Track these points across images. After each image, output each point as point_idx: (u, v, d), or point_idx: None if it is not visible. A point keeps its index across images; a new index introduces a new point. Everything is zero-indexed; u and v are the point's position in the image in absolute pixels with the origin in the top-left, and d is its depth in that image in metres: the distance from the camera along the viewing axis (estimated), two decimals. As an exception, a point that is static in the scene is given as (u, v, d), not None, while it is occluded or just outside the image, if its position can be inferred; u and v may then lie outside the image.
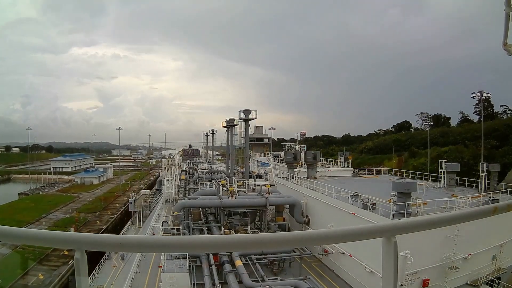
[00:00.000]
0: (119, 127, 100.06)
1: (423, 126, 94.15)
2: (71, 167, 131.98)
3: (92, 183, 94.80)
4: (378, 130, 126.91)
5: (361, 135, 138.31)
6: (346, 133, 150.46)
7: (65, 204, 65.23)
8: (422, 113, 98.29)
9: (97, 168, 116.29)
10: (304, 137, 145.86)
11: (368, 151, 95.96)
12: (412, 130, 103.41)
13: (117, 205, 65.56)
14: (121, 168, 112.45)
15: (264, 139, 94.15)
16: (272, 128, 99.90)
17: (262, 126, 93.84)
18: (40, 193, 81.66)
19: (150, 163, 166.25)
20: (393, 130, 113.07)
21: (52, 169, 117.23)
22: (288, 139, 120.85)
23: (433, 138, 70.81)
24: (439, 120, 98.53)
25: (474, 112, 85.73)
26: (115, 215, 57.52)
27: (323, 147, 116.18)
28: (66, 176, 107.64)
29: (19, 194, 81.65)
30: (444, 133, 77.40)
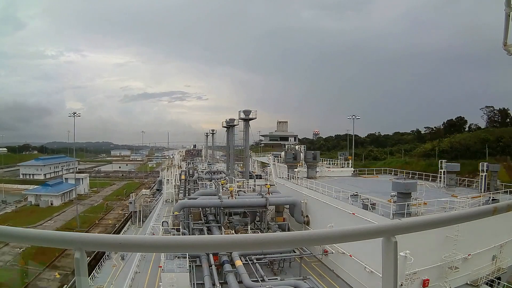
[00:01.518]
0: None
1: (488, 123, 78.04)
2: (44, 174, 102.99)
3: (51, 204, 66.07)
4: (425, 127, 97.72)
5: (388, 134, 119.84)
6: (371, 132, 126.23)
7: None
8: (487, 106, 79.10)
9: (66, 179, 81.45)
10: (317, 136, 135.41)
11: (440, 154, 64.87)
12: (467, 128, 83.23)
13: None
14: (104, 176, 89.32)
15: (289, 138, 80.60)
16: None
17: (286, 122, 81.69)
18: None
19: (150, 165, 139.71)
20: (442, 127, 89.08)
21: (21, 177, 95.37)
22: (301, 138, 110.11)
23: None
24: (508, 116, 79.46)
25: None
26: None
27: (345, 147, 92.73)
28: (25, 189, 74.57)
29: None
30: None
